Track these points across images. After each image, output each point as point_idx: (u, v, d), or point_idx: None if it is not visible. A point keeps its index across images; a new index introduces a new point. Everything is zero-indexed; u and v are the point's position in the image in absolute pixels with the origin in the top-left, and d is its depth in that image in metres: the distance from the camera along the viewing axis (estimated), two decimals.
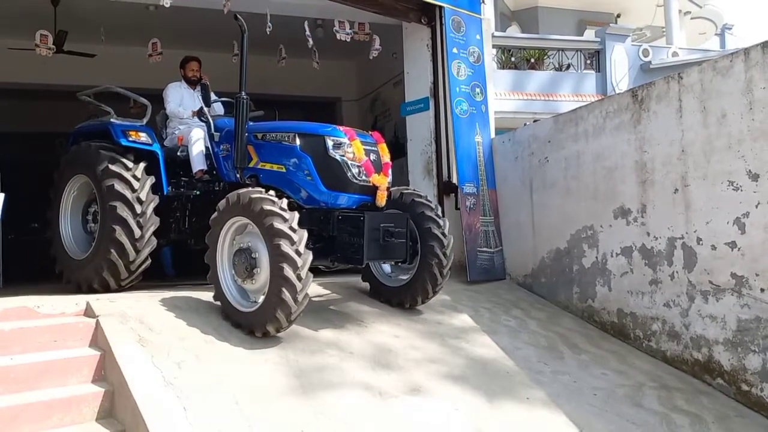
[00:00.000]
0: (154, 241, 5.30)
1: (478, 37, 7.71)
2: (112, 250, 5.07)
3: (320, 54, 9.09)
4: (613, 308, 5.81)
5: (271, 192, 4.33)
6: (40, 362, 3.77)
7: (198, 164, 5.66)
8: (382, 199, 4.86)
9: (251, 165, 5.10)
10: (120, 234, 5.05)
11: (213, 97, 6.10)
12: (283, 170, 4.92)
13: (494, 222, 7.30)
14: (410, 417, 3.79)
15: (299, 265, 4.00)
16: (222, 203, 4.45)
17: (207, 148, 5.70)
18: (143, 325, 4.15)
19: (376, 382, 4.07)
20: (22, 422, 3.39)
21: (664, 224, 5.30)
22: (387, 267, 5.52)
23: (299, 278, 4.00)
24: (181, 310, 4.49)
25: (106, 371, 3.85)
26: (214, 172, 5.66)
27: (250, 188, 4.45)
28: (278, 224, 4.06)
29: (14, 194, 5.09)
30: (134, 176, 5.23)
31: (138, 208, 5.14)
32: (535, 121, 7.79)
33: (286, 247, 4.00)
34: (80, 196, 5.75)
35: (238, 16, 4.97)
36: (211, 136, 5.61)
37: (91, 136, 5.71)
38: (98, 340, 4.06)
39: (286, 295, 3.97)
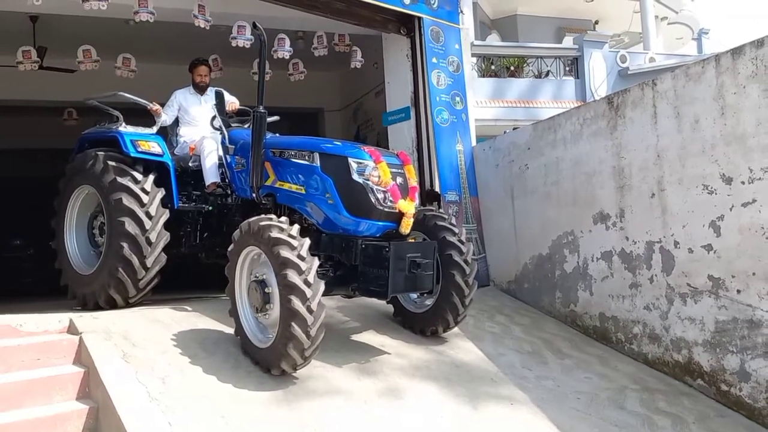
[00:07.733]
0: (163, 258, 5.06)
1: (457, 46, 7.81)
2: (120, 268, 4.85)
3: (302, 65, 9.18)
4: (595, 312, 5.88)
5: (283, 218, 4.08)
6: (23, 381, 3.75)
7: (211, 177, 5.41)
8: (407, 227, 4.55)
9: (268, 183, 4.82)
10: (128, 251, 4.83)
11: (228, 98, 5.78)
12: (303, 191, 4.61)
13: (477, 229, 7.38)
14: (396, 424, 3.82)
15: (309, 296, 3.69)
16: (236, 233, 4.19)
17: (220, 158, 5.44)
18: (127, 340, 4.15)
19: (362, 390, 4.10)
20: None
21: (642, 228, 5.39)
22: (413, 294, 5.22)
23: (309, 310, 3.68)
24: (166, 325, 4.50)
25: (91, 388, 3.84)
26: (227, 181, 5.42)
27: (262, 214, 4.21)
28: (285, 252, 3.76)
29: None
30: (143, 189, 4.98)
31: (147, 224, 4.89)
32: (514, 128, 7.89)
33: (293, 276, 3.69)
34: (86, 206, 5.50)
35: (258, 25, 4.70)
36: (225, 149, 5.33)
37: (98, 144, 5.43)
38: (82, 357, 4.06)
39: (297, 329, 3.67)
